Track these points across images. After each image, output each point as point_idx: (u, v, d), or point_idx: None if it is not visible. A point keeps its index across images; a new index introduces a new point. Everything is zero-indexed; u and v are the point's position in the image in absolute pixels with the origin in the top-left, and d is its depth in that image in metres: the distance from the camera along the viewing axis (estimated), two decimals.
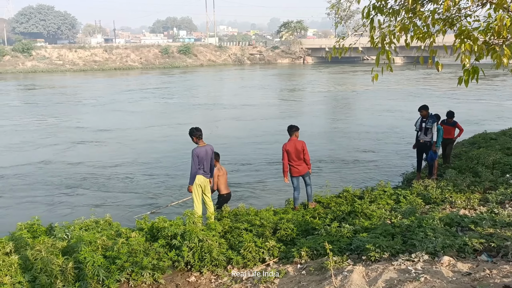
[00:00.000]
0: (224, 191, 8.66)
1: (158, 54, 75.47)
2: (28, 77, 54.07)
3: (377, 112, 23.77)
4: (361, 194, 8.80)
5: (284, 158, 8.48)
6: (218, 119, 22.75)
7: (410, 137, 15.40)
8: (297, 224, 6.81)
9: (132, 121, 22.03)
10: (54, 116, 23.78)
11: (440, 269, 4.01)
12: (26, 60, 65.87)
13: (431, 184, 8.84)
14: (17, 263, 5.27)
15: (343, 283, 3.95)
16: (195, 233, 5.79)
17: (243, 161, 13.86)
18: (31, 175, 12.77)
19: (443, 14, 5.18)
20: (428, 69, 50.84)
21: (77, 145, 16.73)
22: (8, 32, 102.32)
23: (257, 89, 37.14)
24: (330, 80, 48.23)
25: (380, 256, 4.77)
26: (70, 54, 70.23)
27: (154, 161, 14.08)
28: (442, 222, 5.80)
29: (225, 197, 8.69)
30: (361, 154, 14.61)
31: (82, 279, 4.96)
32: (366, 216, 7.15)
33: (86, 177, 12.39)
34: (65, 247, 5.84)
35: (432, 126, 9.69)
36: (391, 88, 35.26)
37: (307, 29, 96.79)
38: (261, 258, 5.70)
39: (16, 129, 20.38)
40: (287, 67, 72.35)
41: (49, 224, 7.29)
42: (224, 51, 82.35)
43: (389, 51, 5.49)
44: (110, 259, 5.45)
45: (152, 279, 5.32)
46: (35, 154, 15.38)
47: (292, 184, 8.64)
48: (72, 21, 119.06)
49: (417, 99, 25.87)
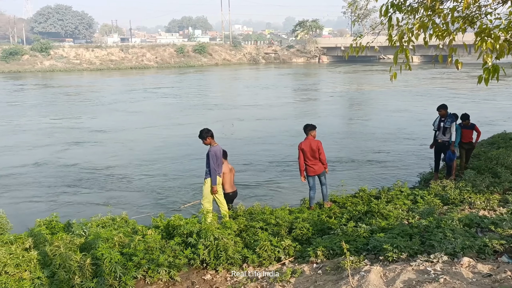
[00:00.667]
0: (228, 190, 8.63)
1: (173, 53, 75.90)
2: (46, 77, 54.90)
3: (393, 112, 23.54)
4: (378, 194, 8.72)
5: (300, 157, 8.47)
6: (232, 118, 22.76)
7: (424, 138, 15.26)
8: (313, 224, 6.78)
9: (149, 121, 22.17)
10: (68, 117, 24.02)
11: (459, 270, 3.95)
12: (44, 59, 66.79)
13: (449, 185, 8.72)
14: (36, 259, 5.35)
15: (360, 283, 3.91)
16: (211, 232, 5.81)
17: (257, 160, 13.85)
18: (25, 175, 12.75)
19: (462, 12, 5.10)
20: (444, 68, 50.23)
21: (83, 145, 16.84)
22: (27, 31, 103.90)
23: (271, 89, 37.06)
24: (345, 79, 47.94)
25: (397, 257, 4.72)
26: (87, 53, 71.02)
27: (163, 160, 14.12)
28: (461, 223, 5.72)
29: (230, 196, 8.66)
30: (376, 154, 14.48)
31: (99, 275, 5.01)
32: (383, 216, 7.08)
33: (96, 177, 12.40)
34: (82, 244, 5.90)
35: (451, 125, 9.56)
36: (407, 88, 34.86)
37: (322, 28, 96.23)
38: (277, 257, 5.69)
39: (13, 129, 20.33)
40: (302, 66, 72.11)
41: (67, 221, 7.38)
42: (239, 50, 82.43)
43: (407, 50, 5.42)
44: (127, 256, 5.50)
45: (168, 277, 5.35)
46: (31, 155, 15.20)
47: (308, 183, 8.62)
48: (89, 20, 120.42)
49: (435, 99, 25.50)
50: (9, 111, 25.86)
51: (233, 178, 8.85)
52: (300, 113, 24.44)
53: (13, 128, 20.55)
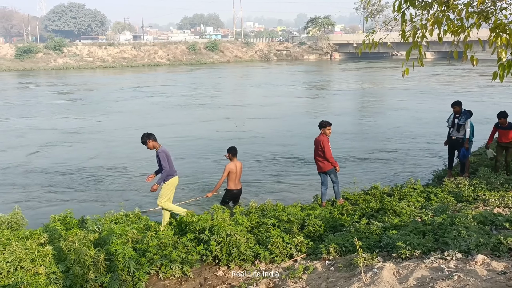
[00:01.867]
0: (232, 187, 8.60)
1: (185, 50, 76.10)
2: (60, 75, 55.31)
3: (404, 109, 23.33)
4: (390, 191, 8.67)
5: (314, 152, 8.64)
6: (245, 116, 22.78)
7: (432, 136, 15.11)
8: (325, 221, 6.77)
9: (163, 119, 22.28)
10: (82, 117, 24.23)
11: (474, 268, 3.91)
12: (58, 57, 67.43)
13: (463, 182, 8.64)
14: (51, 254, 5.43)
15: (373, 280, 3.90)
16: (223, 228, 5.83)
17: (269, 156, 13.83)
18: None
19: (477, 7, 5.03)
20: (452, 64, 49.64)
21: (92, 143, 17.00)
22: (41, 30, 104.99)
23: (283, 87, 37.00)
24: (357, 76, 47.63)
25: (411, 254, 4.69)
26: (100, 51, 71.54)
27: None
28: (476, 221, 5.67)
29: (234, 193, 8.62)
30: (388, 152, 14.38)
31: (113, 271, 5.06)
32: (395, 214, 7.04)
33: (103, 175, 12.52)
34: (96, 239, 5.98)
35: (465, 122, 9.45)
36: (419, 85, 34.55)
37: (334, 25, 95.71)
38: (289, 253, 5.69)
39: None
40: (314, 63, 71.82)
41: (81, 217, 7.48)
42: (251, 48, 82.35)
43: (421, 45, 5.37)
44: (140, 251, 5.56)
45: (180, 272, 5.39)
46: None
47: (320, 178, 8.65)
48: (102, 18, 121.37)
49: (450, 97, 25.25)
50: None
51: (240, 175, 8.78)
52: (313, 110, 24.37)
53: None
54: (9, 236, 6.03)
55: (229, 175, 8.51)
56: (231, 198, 8.72)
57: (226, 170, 8.53)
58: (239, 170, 8.69)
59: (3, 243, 5.84)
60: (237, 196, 8.83)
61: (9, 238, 5.92)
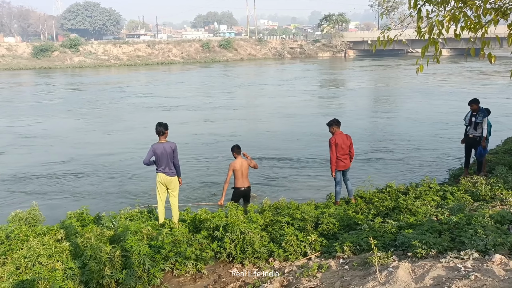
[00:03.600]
0: (238, 185, 8.56)
1: (199, 48, 76.39)
2: (75, 73, 55.94)
3: (419, 108, 23.09)
4: (405, 190, 8.59)
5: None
6: (261, 113, 22.80)
7: (453, 133, 14.93)
8: (339, 219, 6.73)
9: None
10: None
11: (491, 268, 3.86)
12: (73, 55, 68.24)
13: (480, 181, 8.51)
14: (68, 250, 5.51)
15: (388, 279, 3.87)
16: (237, 226, 5.85)
17: (283, 154, 13.83)
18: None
19: (495, 3, 4.95)
20: (468, 62, 48.95)
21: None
22: (57, 28, 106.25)
23: (297, 85, 36.90)
24: (371, 74, 47.29)
25: (426, 253, 4.64)
26: (115, 49, 72.19)
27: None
28: (493, 220, 5.58)
29: (241, 191, 8.57)
30: (404, 150, 14.25)
31: (128, 267, 5.11)
32: (411, 212, 6.98)
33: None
34: (112, 236, 6.04)
35: (482, 120, 9.32)
36: (435, 83, 34.18)
37: (349, 22, 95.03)
38: (303, 252, 5.68)
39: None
40: (328, 60, 71.48)
41: (96, 214, 7.57)
42: (264, 45, 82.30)
43: (437, 42, 5.30)
44: (155, 248, 5.60)
45: (195, 269, 5.42)
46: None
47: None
48: (116, 17, 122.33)
49: (467, 95, 24.92)
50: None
51: (246, 173, 8.57)
52: (326, 108, 24.27)
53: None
54: (27, 232, 6.13)
55: (235, 173, 8.46)
56: (239, 196, 8.60)
57: (230, 168, 8.47)
58: (244, 168, 8.57)
59: (21, 239, 5.94)
60: (245, 194, 8.66)
61: (27, 234, 6.02)
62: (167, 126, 7.35)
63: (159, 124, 7.30)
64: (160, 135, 7.27)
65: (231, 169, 8.46)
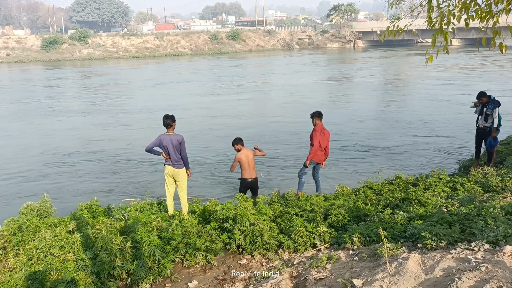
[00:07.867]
0: (245, 176, 8.53)
1: (207, 40, 76.29)
2: (85, 65, 56.14)
3: (428, 100, 22.85)
4: (415, 181, 8.55)
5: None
6: (268, 105, 22.74)
7: (461, 125, 14.81)
8: (348, 210, 6.73)
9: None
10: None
11: (502, 259, 3.84)
12: (82, 48, 68.49)
13: (491, 172, 8.45)
14: (79, 241, 5.56)
15: (398, 270, 3.87)
16: (247, 217, 5.86)
17: (291, 146, 13.81)
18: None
19: None
20: (487, 50, 48.36)
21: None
22: (66, 21, 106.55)
23: (306, 75, 36.73)
24: (381, 65, 46.91)
25: (436, 245, 4.63)
26: (123, 41, 72.32)
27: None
28: (504, 211, 5.53)
29: (248, 182, 8.53)
30: (413, 142, 14.16)
31: (139, 258, 5.16)
32: (420, 204, 6.95)
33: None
34: (122, 227, 6.09)
35: (493, 111, 9.23)
36: (445, 74, 33.81)
37: (358, 12, 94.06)
38: (312, 243, 5.68)
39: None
40: (337, 51, 70.99)
41: (107, 205, 7.63)
42: (273, 36, 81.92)
43: (447, 32, 5.23)
44: (165, 239, 5.64)
45: (205, 261, 5.45)
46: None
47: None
48: (125, 9, 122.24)
49: (476, 86, 24.63)
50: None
51: (253, 164, 8.54)
52: (335, 98, 24.16)
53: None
54: (38, 223, 6.20)
55: (241, 164, 8.46)
56: (246, 187, 8.58)
57: (236, 159, 8.48)
58: (250, 159, 8.52)
59: (33, 230, 6.02)
60: (252, 185, 8.62)
61: (39, 226, 6.09)
62: (174, 118, 7.27)
63: (166, 117, 7.22)
64: (168, 127, 7.22)
65: (236, 160, 8.47)
